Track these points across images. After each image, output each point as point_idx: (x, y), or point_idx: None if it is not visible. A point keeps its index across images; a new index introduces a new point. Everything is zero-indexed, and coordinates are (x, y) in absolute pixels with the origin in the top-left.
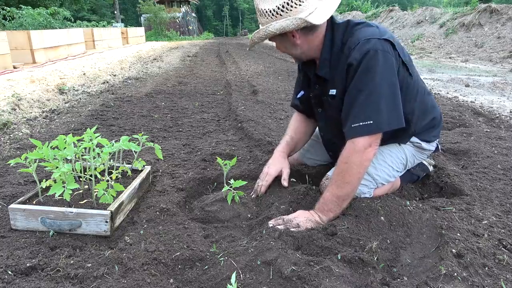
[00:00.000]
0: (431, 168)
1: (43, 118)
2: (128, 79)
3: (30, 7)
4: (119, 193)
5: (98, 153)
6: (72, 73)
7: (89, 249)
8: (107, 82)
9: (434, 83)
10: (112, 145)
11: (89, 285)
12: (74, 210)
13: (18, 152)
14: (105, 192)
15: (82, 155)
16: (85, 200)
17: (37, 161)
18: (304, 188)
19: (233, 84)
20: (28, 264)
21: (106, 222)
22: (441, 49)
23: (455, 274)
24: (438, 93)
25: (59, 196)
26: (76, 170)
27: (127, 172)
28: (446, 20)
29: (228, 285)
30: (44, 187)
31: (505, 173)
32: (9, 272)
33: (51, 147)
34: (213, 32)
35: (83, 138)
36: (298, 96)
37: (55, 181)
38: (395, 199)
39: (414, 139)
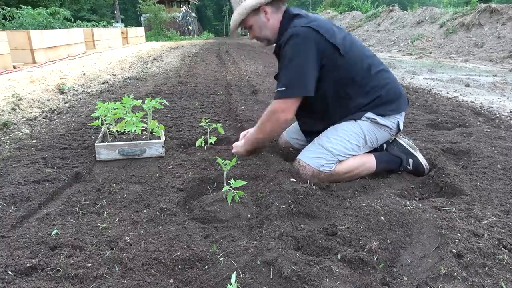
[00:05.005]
0: (422, 159)
1: (43, 118)
2: (128, 79)
3: (30, 7)
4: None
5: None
6: (72, 73)
7: (89, 249)
8: (107, 82)
9: (434, 83)
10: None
11: (89, 285)
12: (141, 142)
13: (18, 152)
14: (157, 128)
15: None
16: (143, 137)
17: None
18: (304, 188)
19: (233, 84)
20: (28, 264)
21: (163, 147)
22: (441, 49)
23: (455, 274)
24: (438, 93)
25: (134, 131)
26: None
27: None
28: (446, 20)
29: (228, 285)
30: (114, 130)
31: (505, 173)
32: (9, 272)
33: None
34: (213, 32)
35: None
36: None
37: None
38: (395, 199)
39: (369, 114)
